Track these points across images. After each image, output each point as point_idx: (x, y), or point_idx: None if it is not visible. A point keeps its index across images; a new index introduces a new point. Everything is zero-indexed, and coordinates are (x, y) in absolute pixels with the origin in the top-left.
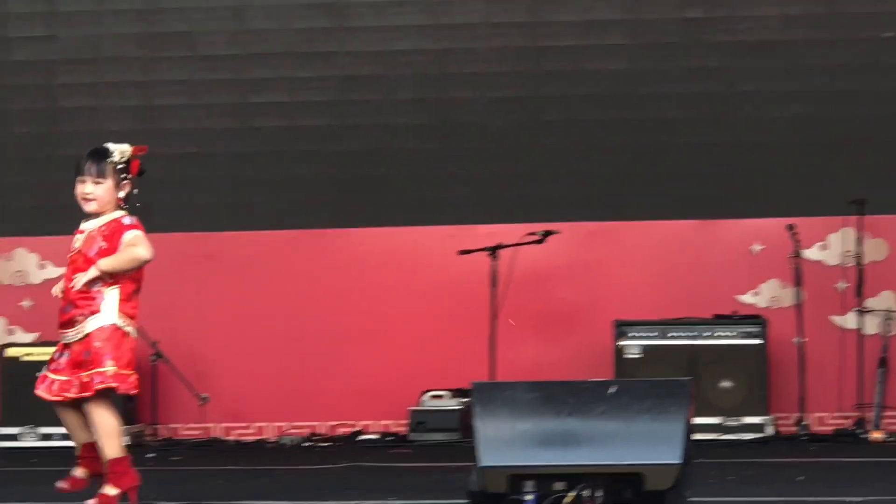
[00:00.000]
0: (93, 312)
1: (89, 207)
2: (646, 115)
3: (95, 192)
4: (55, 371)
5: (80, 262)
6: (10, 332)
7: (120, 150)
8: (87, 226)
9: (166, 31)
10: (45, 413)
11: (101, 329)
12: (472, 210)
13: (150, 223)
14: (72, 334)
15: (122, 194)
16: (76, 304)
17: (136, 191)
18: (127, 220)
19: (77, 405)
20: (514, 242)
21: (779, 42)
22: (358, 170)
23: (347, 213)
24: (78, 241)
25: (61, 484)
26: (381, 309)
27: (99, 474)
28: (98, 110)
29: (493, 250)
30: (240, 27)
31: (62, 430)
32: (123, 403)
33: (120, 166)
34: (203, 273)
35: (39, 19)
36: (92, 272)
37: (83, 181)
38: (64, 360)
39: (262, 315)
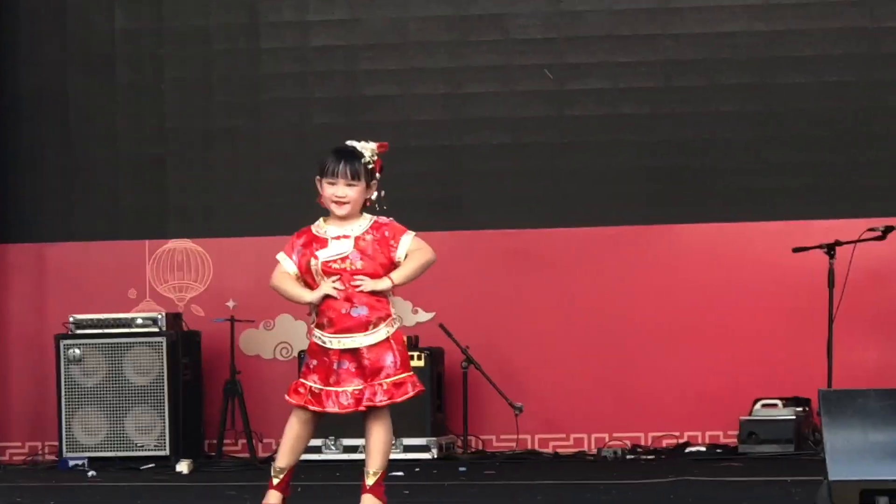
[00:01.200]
0: (387, 315)
1: (342, 211)
2: None
3: (349, 194)
4: (338, 382)
5: (361, 266)
6: None
7: (370, 149)
8: (351, 230)
9: (477, 14)
10: (348, 425)
11: (399, 332)
12: (805, 204)
13: (459, 219)
14: (362, 338)
15: (371, 196)
16: (370, 307)
17: (382, 192)
18: (385, 220)
19: (314, 418)
20: (853, 239)
21: None
22: (681, 161)
23: (670, 207)
24: (340, 245)
25: None
26: (707, 311)
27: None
28: (403, 98)
29: (831, 247)
30: (555, 9)
31: (363, 440)
32: (433, 414)
33: (370, 166)
34: (516, 272)
35: (341, 2)
36: (384, 284)
37: (334, 183)
38: (346, 367)
39: (579, 317)
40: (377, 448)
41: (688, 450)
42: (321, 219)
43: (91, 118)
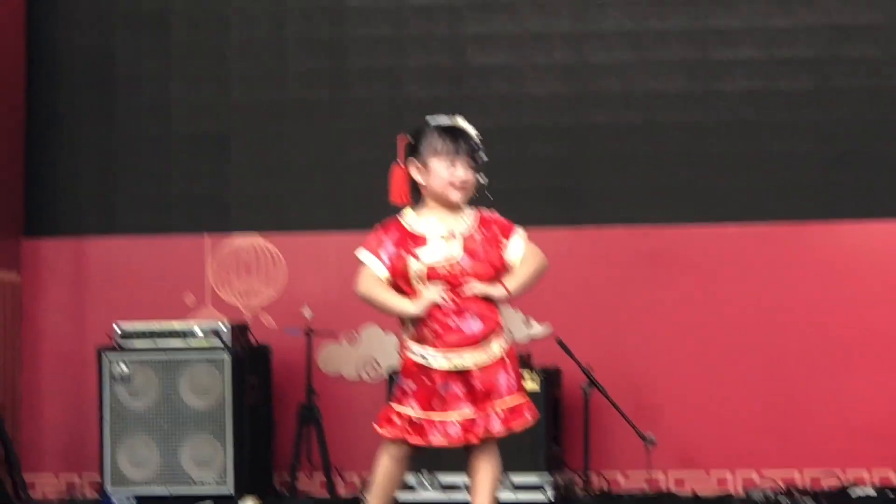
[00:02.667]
0: (500, 327)
1: (462, 198)
2: None
3: (471, 179)
4: (445, 407)
5: (471, 271)
6: None
7: (472, 127)
8: (457, 227)
9: None
10: (444, 456)
11: (513, 347)
12: None
13: (581, 213)
14: (476, 356)
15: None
16: (482, 318)
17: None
18: (488, 213)
19: (410, 452)
20: None
21: None
22: (849, 145)
23: (836, 200)
24: (448, 246)
25: None
26: (879, 325)
27: None
28: (515, 68)
29: None
30: None
31: (464, 477)
32: (548, 445)
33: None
34: (648, 277)
35: None
36: (500, 292)
37: (453, 163)
38: (453, 391)
39: (724, 333)
40: (486, 486)
41: (853, 492)
42: (409, 209)
43: (140, 87)
